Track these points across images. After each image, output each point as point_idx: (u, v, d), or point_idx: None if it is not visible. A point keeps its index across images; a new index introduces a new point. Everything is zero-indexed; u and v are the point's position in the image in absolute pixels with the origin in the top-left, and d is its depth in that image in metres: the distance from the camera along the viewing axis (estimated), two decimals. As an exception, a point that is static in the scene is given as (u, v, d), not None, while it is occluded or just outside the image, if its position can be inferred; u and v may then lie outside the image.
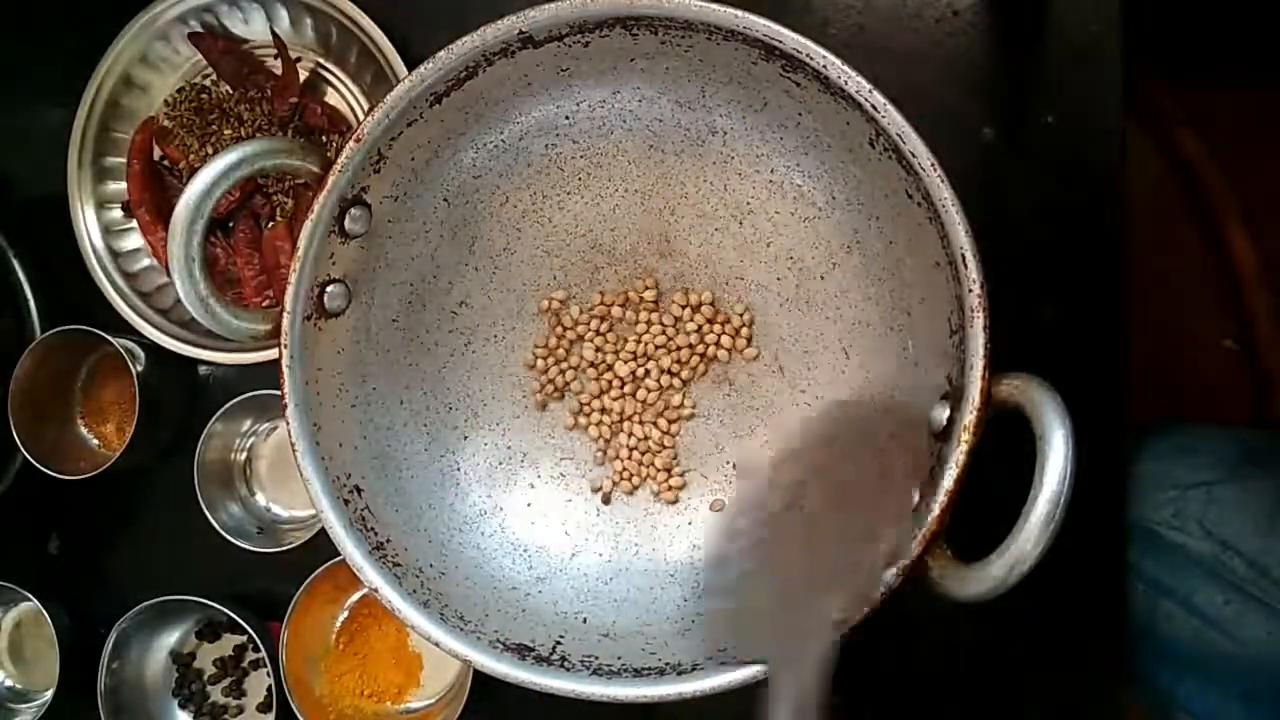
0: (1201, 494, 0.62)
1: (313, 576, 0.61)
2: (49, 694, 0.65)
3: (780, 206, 0.53)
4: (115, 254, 0.67)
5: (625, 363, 0.55)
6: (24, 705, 0.70)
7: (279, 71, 0.65)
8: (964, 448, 0.40)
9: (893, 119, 0.42)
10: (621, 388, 0.55)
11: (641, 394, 0.55)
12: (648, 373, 0.55)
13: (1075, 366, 0.48)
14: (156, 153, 0.67)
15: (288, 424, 0.48)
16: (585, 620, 0.51)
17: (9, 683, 0.71)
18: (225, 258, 0.65)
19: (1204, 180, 0.93)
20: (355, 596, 0.65)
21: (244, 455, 0.68)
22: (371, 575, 0.47)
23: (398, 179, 0.50)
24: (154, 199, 0.66)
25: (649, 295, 0.55)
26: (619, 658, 0.47)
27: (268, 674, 0.64)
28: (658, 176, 0.54)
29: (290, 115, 0.65)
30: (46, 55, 0.68)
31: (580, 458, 0.56)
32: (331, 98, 0.66)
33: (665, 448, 0.55)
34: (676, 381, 0.55)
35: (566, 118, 0.53)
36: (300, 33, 0.66)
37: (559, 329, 0.56)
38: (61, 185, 0.66)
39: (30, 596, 0.65)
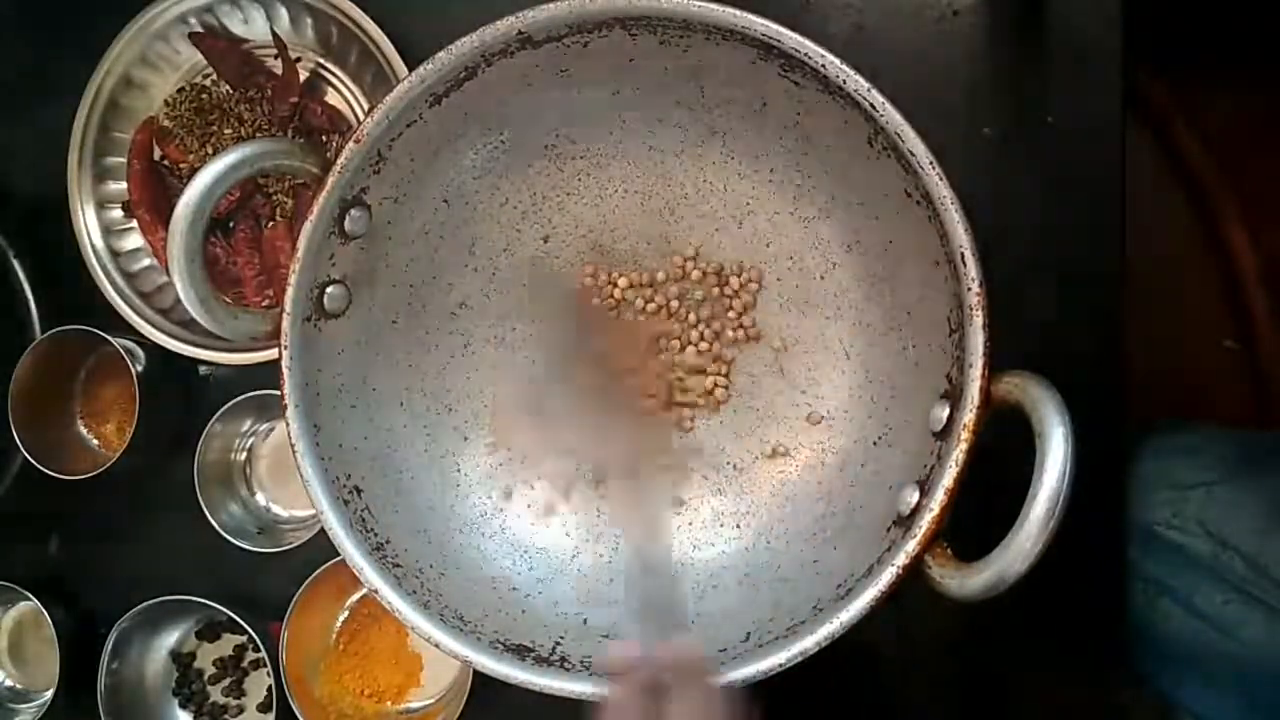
0: (1201, 494, 0.61)
1: (313, 576, 0.61)
2: (49, 694, 0.65)
3: (780, 206, 0.53)
4: (115, 254, 0.67)
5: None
6: (24, 705, 0.70)
7: (279, 71, 0.65)
8: (963, 446, 0.40)
9: (891, 117, 0.42)
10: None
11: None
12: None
13: (1075, 366, 0.48)
14: (156, 153, 0.67)
15: (288, 424, 0.48)
16: (585, 621, 0.51)
17: (9, 683, 0.71)
18: (225, 258, 0.65)
19: (1204, 180, 0.93)
20: (355, 596, 0.65)
21: (244, 455, 0.68)
22: (371, 576, 0.47)
23: (397, 180, 0.50)
24: (154, 199, 0.66)
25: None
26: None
27: (268, 674, 0.64)
28: (657, 177, 0.54)
29: (290, 115, 0.65)
30: (46, 55, 0.68)
31: (582, 458, 0.56)
32: (331, 98, 0.66)
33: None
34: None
35: (566, 118, 0.53)
36: (300, 33, 0.66)
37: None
38: (61, 185, 0.66)
39: (30, 596, 0.65)
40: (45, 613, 0.64)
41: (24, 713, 0.69)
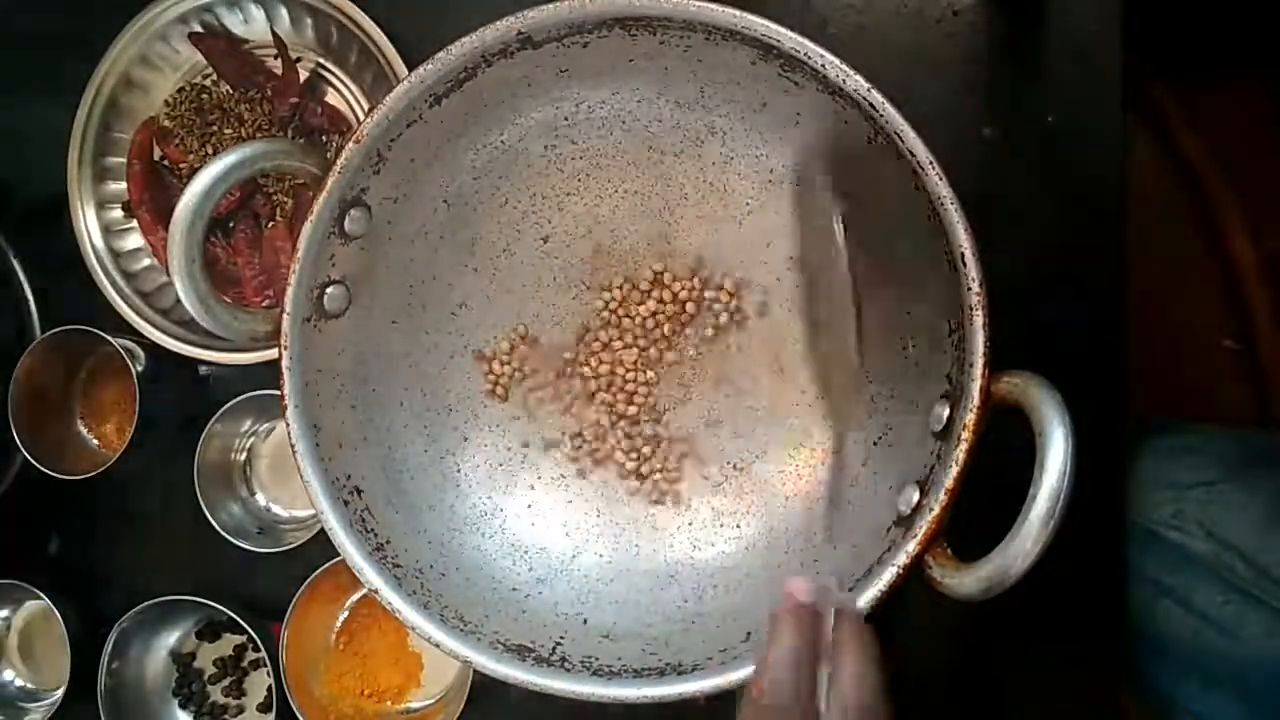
0: (1201, 494, 0.61)
1: (313, 576, 0.61)
2: (59, 693, 0.65)
3: (780, 206, 0.53)
4: (115, 254, 0.67)
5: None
6: (34, 704, 0.70)
7: (279, 71, 0.65)
8: (964, 446, 0.40)
9: (891, 117, 0.42)
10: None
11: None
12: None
13: (1075, 366, 0.48)
14: (156, 153, 0.67)
15: (288, 425, 0.48)
16: (585, 621, 0.51)
17: (19, 682, 0.71)
18: (225, 258, 0.65)
19: (1204, 180, 0.93)
20: (355, 596, 0.65)
21: (244, 455, 0.68)
22: (372, 576, 0.47)
23: (397, 180, 0.50)
24: (154, 199, 0.66)
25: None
26: (619, 658, 0.47)
27: (268, 674, 0.64)
28: (657, 177, 0.54)
29: (290, 115, 0.65)
30: (46, 55, 0.68)
31: (581, 459, 0.56)
32: (331, 98, 0.66)
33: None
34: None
35: (566, 118, 0.53)
36: (300, 33, 0.66)
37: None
38: (61, 185, 0.66)
39: (41, 595, 0.65)
40: (56, 612, 0.64)
41: (34, 712, 0.69)
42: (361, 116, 0.64)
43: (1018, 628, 0.55)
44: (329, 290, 0.50)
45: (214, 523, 0.63)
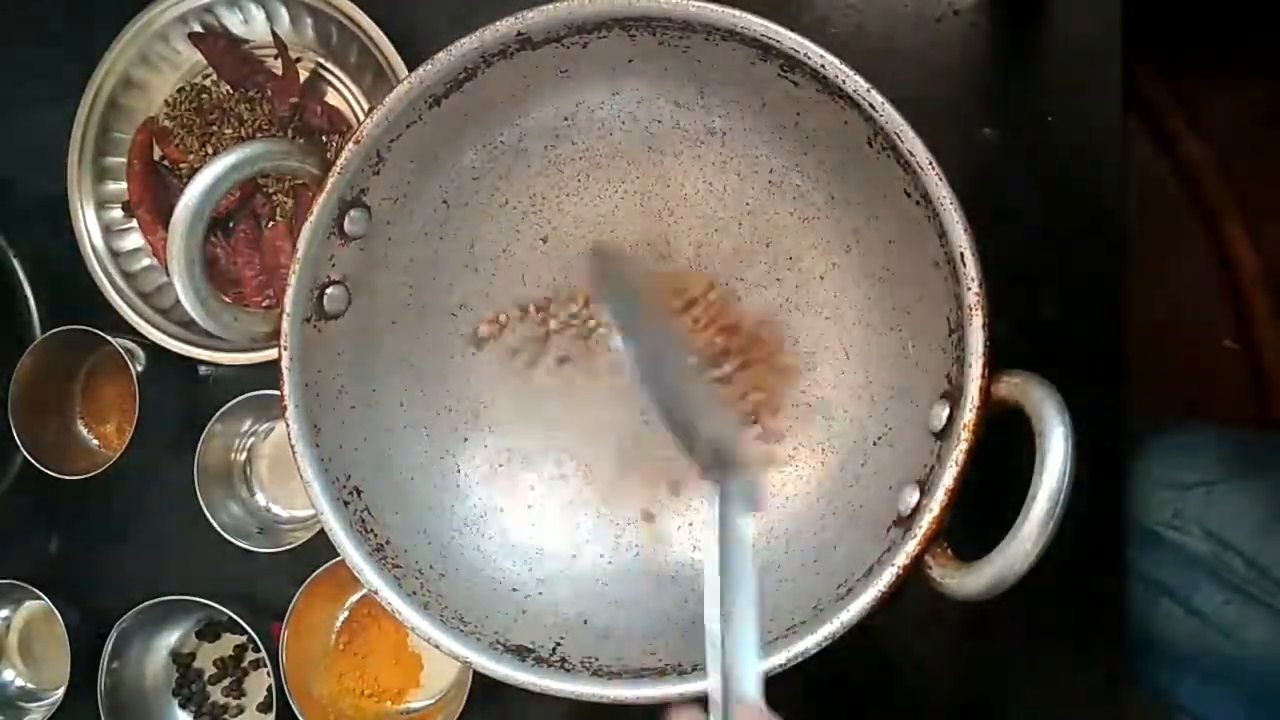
0: (1201, 494, 0.61)
1: (313, 576, 0.61)
2: (59, 693, 0.65)
3: (780, 207, 0.53)
4: (115, 254, 0.67)
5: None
6: (34, 704, 0.70)
7: (279, 71, 0.65)
8: (963, 446, 0.40)
9: (890, 117, 0.42)
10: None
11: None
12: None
13: (1075, 366, 0.48)
14: (156, 153, 0.67)
15: (288, 425, 0.48)
16: (585, 621, 0.51)
17: (19, 681, 0.71)
18: (225, 258, 0.65)
19: (1204, 180, 0.93)
20: (355, 596, 0.65)
21: (244, 455, 0.68)
22: (371, 577, 0.47)
23: (397, 181, 0.50)
24: (154, 199, 0.66)
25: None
26: (619, 659, 0.47)
27: (268, 674, 0.64)
28: (656, 177, 0.54)
29: (290, 115, 0.65)
30: (46, 55, 0.68)
31: (581, 460, 0.56)
32: (331, 98, 0.66)
33: None
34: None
35: (565, 119, 0.53)
36: (300, 33, 0.66)
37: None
38: (61, 185, 0.66)
39: (41, 595, 0.65)
40: (56, 612, 0.64)
41: (34, 712, 0.69)
42: (361, 116, 0.64)
43: (1018, 628, 0.55)
44: (329, 290, 0.50)
45: (214, 523, 0.63)
